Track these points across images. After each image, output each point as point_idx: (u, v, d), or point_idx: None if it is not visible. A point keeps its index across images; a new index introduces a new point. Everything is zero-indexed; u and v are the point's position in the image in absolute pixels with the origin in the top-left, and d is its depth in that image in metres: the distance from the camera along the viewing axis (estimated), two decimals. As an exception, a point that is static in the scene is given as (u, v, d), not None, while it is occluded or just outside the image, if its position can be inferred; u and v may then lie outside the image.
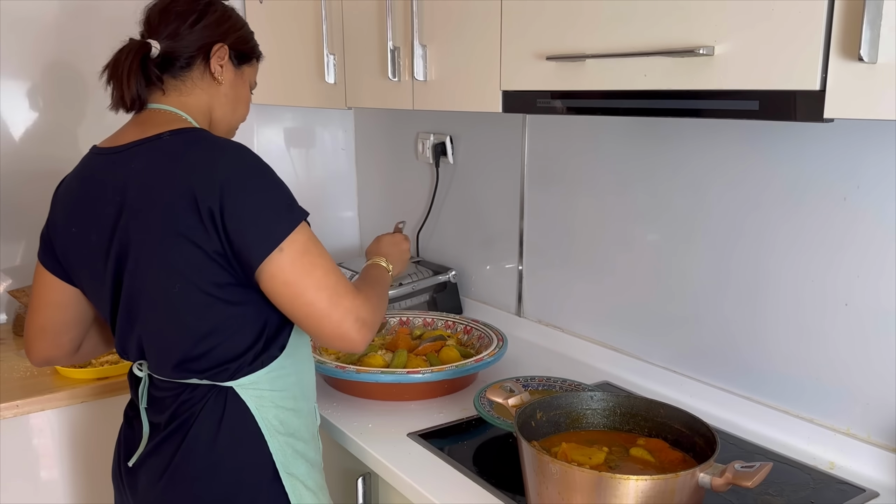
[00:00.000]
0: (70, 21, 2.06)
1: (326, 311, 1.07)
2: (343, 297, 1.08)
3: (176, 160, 1.07)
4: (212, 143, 1.10)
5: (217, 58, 1.20)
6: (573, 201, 1.74)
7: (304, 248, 1.06)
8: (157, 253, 1.07)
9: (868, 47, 0.81)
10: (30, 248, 2.09)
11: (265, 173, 1.08)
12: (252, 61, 1.29)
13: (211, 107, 1.23)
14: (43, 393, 1.57)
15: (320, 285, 1.07)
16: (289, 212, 1.07)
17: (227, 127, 1.28)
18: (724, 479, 0.96)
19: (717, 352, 1.47)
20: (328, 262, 1.09)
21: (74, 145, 2.12)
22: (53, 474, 1.62)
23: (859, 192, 1.21)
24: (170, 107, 1.18)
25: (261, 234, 1.04)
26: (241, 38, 1.25)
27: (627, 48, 1.08)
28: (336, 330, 1.08)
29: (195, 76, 1.20)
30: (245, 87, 1.29)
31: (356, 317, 1.09)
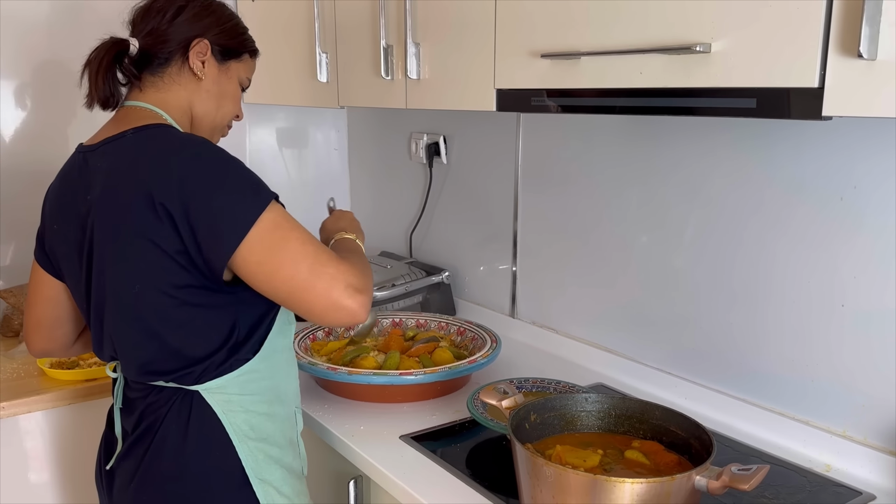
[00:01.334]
0: (61, 20, 2.04)
1: (309, 281, 1.01)
2: (325, 265, 1.02)
3: (135, 158, 1.06)
4: (170, 138, 1.07)
5: (196, 53, 1.18)
6: (567, 202, 1.73)
7: (273, 225, 1.02)
8: (117, 253, 1.07)
9: (867, 44, 0.80)
10: (18, 248, 2.07)
11: (224, 163, 1.04)
12: (241, 56, 1.25)
13: (191, 103, 1.20)
14: (30, 394, 1.55)
15: (297, 257, 1.01)
16: (254, 195, 1.03)
17: (210, 124, 1.24)
18: (720, 483, 0.94)
19: (712, 353, 1.46)
20: (303, 233, 1.04)
21: (65, 144, 2.10)
22: (42, 476, 1.61)
23: (856, 193, 1.20)
24: (146, 104, 1.16)
25: (228, 224, 1.00)
26: (226, 32, 1.21)
27: (623, 45, 1.07)
28: (325, 301, 1.01)
29: (173, 72, 1.18)
30: (231, 83, 1.25)
31: (345, 283, 1.02)
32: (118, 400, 1.19)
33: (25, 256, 2.06)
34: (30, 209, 2.06)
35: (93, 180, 1.10)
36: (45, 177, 2.05)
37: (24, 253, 2.07)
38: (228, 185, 1.02)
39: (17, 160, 2.05)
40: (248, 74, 1.29)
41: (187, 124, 1.21)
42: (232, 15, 1.25)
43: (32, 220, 2.04)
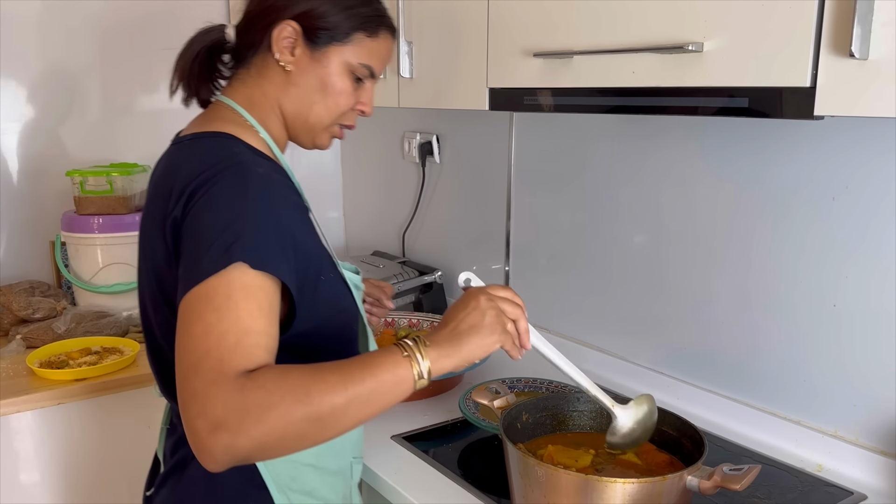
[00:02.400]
0: (53, 17, 2.03)
1: (183, 381, 0.77)
2: (200, 374, 0.74)
3: (175, 171, 0.92)
4: (212, 156, 0.90)
5: (280, 39, 0.97)
6: (560, 201, 1.73)
7: (209, 293, 0.78)
8: (144, 271, 0.98)
9: (859, 43, 0.80)
10: (8, 246, 2.05)
11: (229, 200, 0.84)
12: (349, 38, 0.99)
13: (279, 101, 1.01)
14: (20, 394, 1.54)
15: (187, 347, 0.77)
16: (224, 250, 0.79)
17: (305, 126, 1.03)
18: (712, 482, 0.94)
19: (704, 353, 1.46)
20: (223, 322, 0.77)
21: (58, 143, 2.09)
22: (32, 476, 1.60)
23: (848, 192, 1.20)
24: (231, 101, 1.01)
25: (186, 268, 0.82)
26: (322, 10, 0.97)
27: (615, 44, 1.07)
28: (184, 413, 0.75)
29: (259, 63, 1.00)
30: (331, 72, 0.99)
31: (199, 411, 0.73)
32: (166, 418, 1.09)
33: (12, 255, 2.05)
34: (18, 209, 2.05)
35: (153, 177, 1.01)
36: (37, 175, 2.05)
37: (11, 252, 2.06)
38: (213, 224, 0.83)
39: (6, 161, 2.03)
40: (366, 59, 1.01)
41: (277, 126, 1.02)
42: None
43: (20, 219, 2.04)
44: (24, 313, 1.84)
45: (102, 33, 2.11)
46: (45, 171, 2.08)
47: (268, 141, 1.00)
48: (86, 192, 1.93)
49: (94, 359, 1.67)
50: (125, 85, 2.17)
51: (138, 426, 1.67)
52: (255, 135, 0.99)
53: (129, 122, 2.19)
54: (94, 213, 1.93)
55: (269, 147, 1.00)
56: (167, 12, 2.19)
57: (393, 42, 1.06)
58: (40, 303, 1.86)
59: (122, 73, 2.16)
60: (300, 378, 0.76)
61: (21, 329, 1.79)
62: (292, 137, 1.06)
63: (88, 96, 2.12)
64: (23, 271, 2.06)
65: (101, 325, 1.81)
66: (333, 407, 0.76)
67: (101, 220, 1.92)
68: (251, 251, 0.80)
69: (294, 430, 0.75)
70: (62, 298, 1.93)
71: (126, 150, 2.17)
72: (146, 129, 2.21)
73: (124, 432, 1.66)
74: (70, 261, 1.98)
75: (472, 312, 0.89)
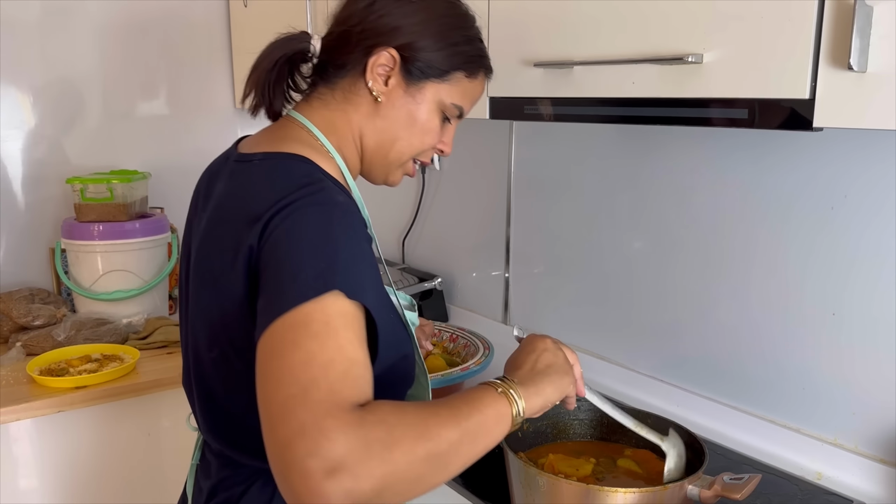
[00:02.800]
0: (53, 24, 2.04)
1: (277, 417, 0.66)
2: (308, 406, 0.65)
3: (245, 194, 0.84)
4: (287, 180, 0.81)
5: (376, 66, 0.89)
6: (560, 209, 1.74)
7: (300, 322, 0.70)
8: (198, 300, 0.89)
9: (858, 56, 0.81)
10: (8, 253, 2.05)
11: (315, 226, 0.77)
12: (448, 75, 0.92)
13: (361, 130, 0.93)
14: (20, 402, 1.54)
15: (285, 376, 0.67)
16: (314, 277, 0.72)
17: (384, 161, 0.95)
18: (712, 492, 0.95)
19: (703, 361, 1.47)
20: (326, 351, 0.69)
21: (58, 150, 2.09)
22: (32, 484, 1.59)
23: (846, 202, 1.21)
24: (306, 120, 0.93)
25: (270, 298, 0.74)
26: (431, 38, 0.90)
27: (616, 55, 1.08)
28: (280, 455, 0.65)
29: (346, 86, 0.92)
30: (423, 109, 0.92)
31: (311, 450, 0.62)
32: (196, 454, 1.01)
33: (12, 262, 2.05)
34: (18, 216, 2.05)
35: (213, 194, 0.92)
36: (38, 182, 2.05)
37: (11, 259, 2.06)
38: (302, 250, 0.75)
39: (6, 168, 2.03)
40: (457, 100, 0.94)
41: (354, 155, 0.95)
42: (452, 16, 0.93)
43: (20, 226, 2.04)
44: (24, 320, 1.84)
45: (103, 40, 2.12)
46: (46, 177, 2.08)
47: (343, 169, 0.93)
48: (86, 199, 1.93)
49: (95, 366, 1.67)
50: (126, 92, 2.17)
51: (138, 434, 1.67)
52: (331, 161, 0.91)
53: (129, 130, 2.19)
54: (94, 220, 1.93)
55: (344, 176, 0.93)
56: (167, 19, 2.20)
57: (486, 84, 1.00)
58: (40, 310, 1.86)
59: (122, 80, 2.16)
60: (416, 412, 0.70)
61: (21, 336, 1.79)
62: (365, 170, 0.98)
63: (89, 103, 2.13)
64: (23, 278, 2.06)
65: (101, 333, 1.81)
66: (450, 443, 0.70)
67: (101, 228, 1.92)
68: (346, 279, 0.73)
69: (414, 470, 0.67)
70: (62, 306, 1.93)
71: (126, 158, 2.17)
72: (147, 136, 2.21)
73: (124, 440, 1.66)
74: (70, 268, 1.98)
75: (544, 354, 0.90)
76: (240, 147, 0.95)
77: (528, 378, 0.85)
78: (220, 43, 2.30)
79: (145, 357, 1.76)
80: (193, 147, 2.27)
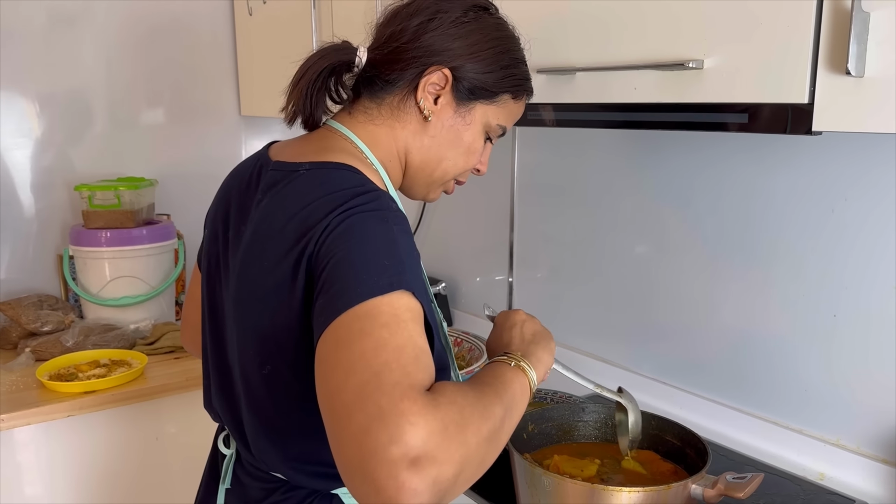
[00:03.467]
0: (59, 33, 2.05)
1: (347, 409, 0.63)
2: (383, 389, 0.62)
3: (296, 206, 0.81)
4: (342, 188, 0.80)
5: (429, 84, 0.89)
6: (563, 213, 1.75)
7: (367, 314, 0.68)
8: (243, 317, 0.85)
9: (855, 61, 0.82)
10: (13, 260, 2.07)
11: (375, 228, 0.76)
12: (497, 98, 0.93)
13: (407, 147, 0.92)
14: (29, 407, 1.55)
15: (356, 364, 0.65)
16: (379, 274, 0.71)
17: (427, 179, 0.96)
18: (715, 491, 0.96)
19: (706, 363, 1.48)
20: (396, 337, 0.67)
21: (65, 158, 2.11)
22: (38, 489, 1.60)
23: (847, 205, 1.22)
24: (350, 132, 0.91)
25: (335, 293, 0.72)
26: (484, 61, 0.90)
27: (617, 62, 1.09)
28: (356, 449, 0.61)
29: (394, 102, 0.91)
30: (471, 130, 0.93)
31: (394, 436, 0.60)
32: (226, 479, 0.96)
33: (20, 269, 2.07)
34: (26, 223, 2.07)
35: (254, 205, 0.89)
36: (43, 189, 2.07)
37: (19, 266, 2.07)
38: (365, 251, 0.74)
39: (14, 176, 2.05)
40: (502, 121, 0.96)
41: (397, 171, 0.94)
42: (503, 38, 0.93)
43: (28, 233, 2.06)
44: (33, 326, 1.85)
45: (109, 48, 2.13)
46: (54, 185, 2.10)
47: (387, 182, 0.92)
48: (94, 206, 1.95)
49: (103, 371, 1.68)
50: (132, 100, 2.19)
51: (146, 438, 1.69)
52: (375, 174, 0.89)
53: (136, 137, 2.21)
54: (101, 227, 1.95)
55: (388, 189, 0.91)
56: (173, 27, 2.22)
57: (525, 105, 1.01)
58: (48, 316, 1.88)
59: (128, 88, 2.18)
60: (472, 391, 0.70)
61: (30, 342, 1.81)
62: (406, 185, 0.98)
63: (96, 111, 2.15)
64: (31, 285, 2.07)
65: (109, 338, 1.82)
66: (502, 420, 0.71)
67: (108, 234, 1.94)
68: (413, 281, 0.73)
69: (481, 451, 0.66)
70: (70, 312, 1.94)
71: (133, 165, 2.19)
72: (153, 143, 2.23)
73: (133, 444, 1.68)
74: (78, 274, 2.00)
75: (526, 324, 0.94)
76: (274, 155, 0.92)
77: (522, 348, 0.88)
78: (225, 51, 2.32)
79: (153, 362, 1.77)
80: (200, 154, 2.30)
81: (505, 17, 0.97)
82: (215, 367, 0.95)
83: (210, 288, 0.96)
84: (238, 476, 0.95)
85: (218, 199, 0.99)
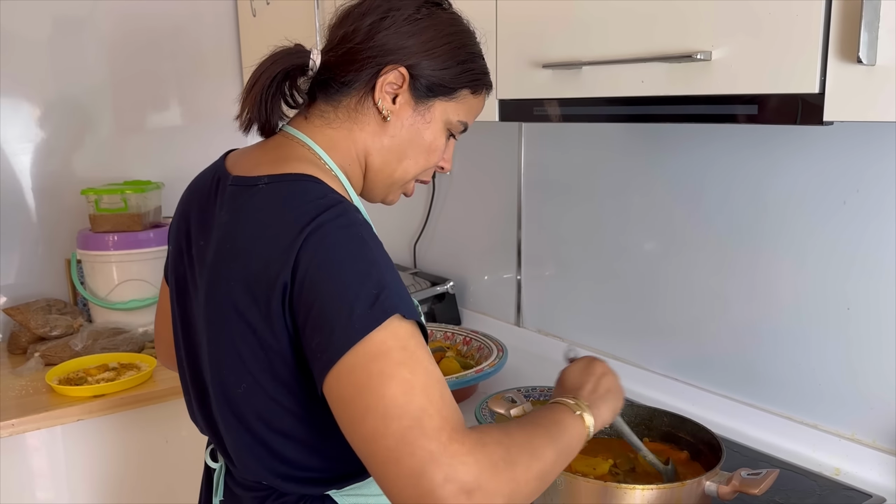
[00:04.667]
0: (63, 38, 2.06)
1: (396, 451, 0.67)
2: (428, 435, 0.67)
3: (258, 222, 0.81)
4: (306, 204, 0.78)
5: (385, 84, 0.88)
6: (571, 209, 1.74)
7: (378, 352, 0.70)
8: (220, 334, 0.84)
9: (866, 49, 0.81)
10: (22, 265, 2.07)
11: (352, 250, 0.76)
12: (455, 94, 0.92)
13: (367, 150, 0.91)
14: (39, 411, 1.55)
15: (390, 409, 0.68)
16: (370, 305, 0.72)
17: (387, 181, 0.94)
18: (730, 487, 0.95)
19: (718, 359, 1.47)
20: (416, 373, 0.70)
21: (71, 162, 2.11)
22: (50, 494, 1.60)
23: (859, 196, 1.21)
24: (307, 138, 0.90)
25: (327, 337, 0.72)
26: (439, 57, 0.89)
27: (624, 55, 1.08)
28: (411, 489, 0.66)
29: (351, 104, 0.89)
30: (431, 128, 0.92)
31: (448, 475, 0.65)
32: (219, 491, 0.96)
33: (29, 274, 2.07)
34: (34, 228, 2.08)
35: (214, 222, 0.87)
36: (49, 193, 2.08)
37: (27, 270, 2.08)
38: (348, 278, 0.74)
39: (20, 177, 2.05)
40: (463, 117, 0.95)
41: (357, 175, 0.93)
42: (458, 33, 0.92)
43: (36, 238, 2.07)
44: (42, 331, 1.85)
45: (114, 53, 2.14)
46: (60, 189, 2.10)
47: (347, 188, 0.90)
48: (100, 209, 1.95)
49: (112, 375, 1.68)
50: (137, 103, 2.19)
51: (157, 440, 1.68)
52: (335, 181, 0.87)
53: (141, 140, 2.21)
54: (109, 231, 1.95)
55: (350, 196, 0.89)
56: (177, 30, 2.22)
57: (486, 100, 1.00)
58: (57, 320, 1.88)
59: (133, 92, 2.18)
60: (521, 434, 0.76)
61: (39, 347, 1.81)
62: (366, 189, 0.96)
63: (101, 115, 2.15)
64: (39, 290, 2.08)
65: (118, 342, 1.82)
66: (552, 462, 0.77)
67: (116, 238, 1.93)
68: (401, 301, 0.74)
69: (530, 487, 0.72)
70: (78, 316, 1.95)
71: (139, 168, 2.19)
72: (158, 146, 2.23)
73: (143, 447, 1.68)
74: (86, 278, 2.00)
75: (604, 378, 0.94)
76: (231, 167, 0.91)
77: (590, 399, 0.90)
78: (229, 53, 2.32)
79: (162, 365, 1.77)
80: (205, 157, 2.24)
81: (459, 11, 0.95)
82: (192, 383, 0.94)
83: (181, 305, 0.95)
84: (230, 487, 0.95)
85: (178, 214, 0.98)
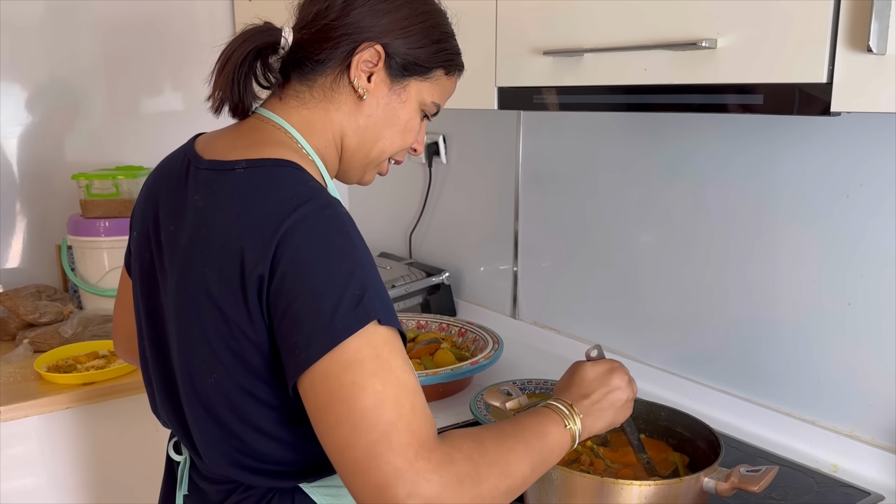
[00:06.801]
0: (55, 21, 2.03)
1: (362, 465, 0.68)
2: (396, 450, 0.67)
3: (236, 210, 0.79)
4: (286, 192, 0.77)
5: (361, 62, 0.87)
6: (569, 201, 1.72)
7: (353, 360, 0.70)
8: (192, 325, 0.82)
9: (877, 38, 0.79)
10: (13, 251, 2.05)
11: (336, 245, 0.75)
12: (430, 73, 0.92)
13: (343, 130, 0.90)
14: (27, 399, 1.53)
15: (360, 423, 0.68)
16: (352, 307, 0.71)
17: (363, 161, 0.93)
18: (729, 484, 0.93)
19: (716, 353, 1.45)
20: (389, 388, 0.70)
21: (63, 147, 2.09)
22: (40, 481, 1.59)
23: (862, 190, 1.19)
24: (281, 120, 0.88)
25: (304, 337, 0.72)
26: (414, 35, 0.89)
27: (627, 42, 1.06)
28: (376, 499, 0.67)
29: (326, 84, 0.88)
30: (406, 108, 0.91)
31: (412, 491, 0.66)
32: (183, 485, 0.95)
33: (19, 259, 2.05)
34: (24, 213, 2.05)
35: (187, 206, 0.85)
36: (41, 179, 2.05)
37: (17, 256, 2.05)
38: (330, 279, 0.73)
39: (11, 165, 2.03)
40: (437, 98, 0.94)
41: (333, 157, 0.92)
42: (432, 12, 0.92)
43: (26, 224, 2.04)
44: (31, 317, 1.83)
45: (106, 37, 2.11)
46: (51, 174, 2.08)
47: (323, 172, 0.89)
48: (92, 195, 1.92)
49: (102, 363, 1.66)
50: (129, 88, 2.17)
51: (146, 430, 1.66)
52: (312, 165, 0.87)
53: (133, 125, 2.18)
54: (100, 217, 1.92)
55: (325, 180, 0.89)
56: (170, 16, 2.19)
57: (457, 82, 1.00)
58: (47, 307, 1.85)
59: (126, 77, 2.15)
60: (496, 449, 0.75)
61: (28, 333, 1.79)
62: (342, 171, 0.95)
63: (93, 100, 2.12)
64: (29, 275, 2.05)
65: (108, 329, 1.80)
66: (525, 478, 0.77)
67: (107, 224, 1.91)
68: (381, 306, 0.73)
69: (494, 502, 0.73)
70: (69, 302, 1.92)
71: (131, 153, 2.16)
72: (151, 131, 2.21)
73: (132, 436, 1.66)
74: (76, 264, 1.98)
75: (616, 392, 0.93)
76: (203, 151, 0.88)
77: (590, 409, 0.89)
78: (223, 38, 2.26)
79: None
80: (199, 143, 2.27)
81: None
82: (158, 374, 0.92)
83: (146, 294, 0.92)
84: (194, 481, 0.94)
85: (143, 199, 0.95)
